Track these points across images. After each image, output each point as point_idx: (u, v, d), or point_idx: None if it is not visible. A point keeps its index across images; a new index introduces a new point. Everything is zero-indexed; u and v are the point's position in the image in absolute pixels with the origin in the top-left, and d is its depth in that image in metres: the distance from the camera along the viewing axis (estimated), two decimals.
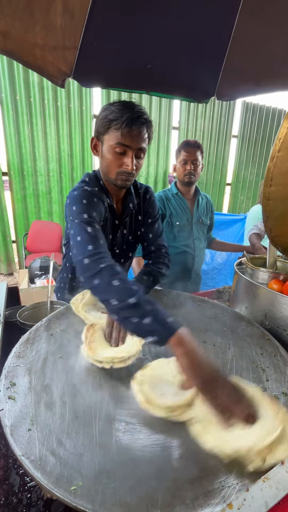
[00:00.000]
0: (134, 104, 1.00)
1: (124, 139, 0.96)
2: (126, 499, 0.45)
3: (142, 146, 1.00)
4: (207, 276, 3.23)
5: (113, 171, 1.03)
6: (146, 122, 0.99)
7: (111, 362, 0.76)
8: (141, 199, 1.26)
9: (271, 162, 0.85)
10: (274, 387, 0.72)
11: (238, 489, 0.46)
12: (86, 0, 1.30)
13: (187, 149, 1.72)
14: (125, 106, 0.98)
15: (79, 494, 0.45)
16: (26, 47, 1.38)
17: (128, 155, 0.99)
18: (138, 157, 1.03)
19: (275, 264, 1.26)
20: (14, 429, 0.56)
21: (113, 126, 0.96)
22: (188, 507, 0.44)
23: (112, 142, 0.98)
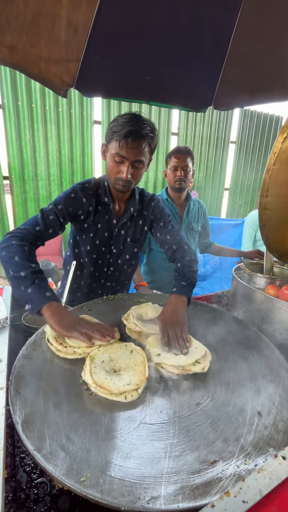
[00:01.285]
0: (140, 119, 1.09)
1: (122, 151, 1.07)
2: (131, 489, 0.49)
3: (138, 158, 1.10)
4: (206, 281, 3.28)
5: (112, 176, 1.15)
6: (145, 137, 1.08)
7: (124, 394, 0.71)
8: (145, 206, 1.33)
9: (267, 174, 0.90)
10: (269, 386, 0.76)
11: (235, 480, 0.50)
12: (89, 16, 1.36)
13: (177, 155, 1.74)
14: (130, 120, 1.07)
15: (88, 485, 0.49)
16: (32, 60, 1.43)
17: (124, 164, 1.10)
18: (135, 167, 1.12)
19: (271, 269, 1.31)
20: (25, 426, 0.60)
21: (115, 137, 1.07)
22: (189, 496, 0.47)
23: (113, 151, 1.09)
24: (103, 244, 1.30)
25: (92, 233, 1.26)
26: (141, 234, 1.37)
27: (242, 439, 0.60)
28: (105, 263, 1.35)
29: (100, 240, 1.28)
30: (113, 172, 1.13)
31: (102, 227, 1.26)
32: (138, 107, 4.82)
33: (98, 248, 1.30)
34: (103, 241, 1.29)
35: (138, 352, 0.85)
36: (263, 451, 0.56)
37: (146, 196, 1.36)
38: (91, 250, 1.29)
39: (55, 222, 1.13)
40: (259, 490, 0.45)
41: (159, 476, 0.52)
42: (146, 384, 0.76)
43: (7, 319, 1.00)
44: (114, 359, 0.82)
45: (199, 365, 0.80)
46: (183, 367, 0.79)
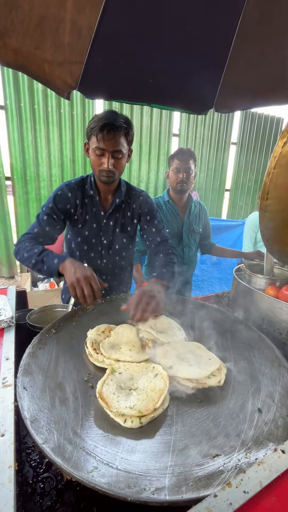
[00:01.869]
0: (114, 113, 1.20)
1: (100, 143, 1.18)
2: (137, 481, 0.51)
3: (116, 148, 1.19)
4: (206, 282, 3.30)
5: (96, 169, 1.26)
6: (119, 127, 1.17)
7: (123, 416, 0.65)
8: (133, 200, 1.42)
9: (267, 178, 0.92)
10: (269, 385, 0.78)
11: (236, 473, 0.52)
12: (93, 19, 1.39)
13: (180, 158, 1.76)
14: (104, 115, 1.18)
15: (96, 476, 0.51)
16: (36, 62, 1.46)
17: (105, 156, 1.20)
18: (115, 158, 1.22)
19: (272, 270, 1.33)
20: (33, 421, 0.62)
21: (93, 132, 1.18)
22: (192, 487, 0.50)
23: (93, 146, 1.20)
24: (92, 236, 1.37)
25: (80, 224, 1.36)
26: (130, 226, 1.43)
27: (243, 435, 0.62)
28: (97, 255, 1.41)
29: (89, 231, 1.36)
30: (96, 165, 1.23)
31: (90, 218, 1.35)
32: (140, 108, 4.84)
33: (89, 240, 1.38)
34: (92, 232, 1.37)
35: (162, 377, 0.75)
36: (263, 446, 0.58)
37: (135, 190, 1.44)
38: (82, 242, 1.38)
39: (49, 220, 1.28)
40: (259, 481, 0.47)
41: (163, 469, 0.54)
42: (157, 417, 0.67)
43: (13, 318, 1.02)
44: (135, 378, 0.78)
45: (215, 378, 0.77)
46: (198, 380, 0.75)
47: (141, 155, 5.04)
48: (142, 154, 5.04)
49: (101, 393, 0.71)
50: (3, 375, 0.75)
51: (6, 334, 0.96)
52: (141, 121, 4.92)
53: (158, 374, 0.77)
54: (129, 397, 0.70)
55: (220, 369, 0.81)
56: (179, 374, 0.77)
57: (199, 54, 1.67)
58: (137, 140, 4.95)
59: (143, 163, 5.08)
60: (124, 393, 0.71)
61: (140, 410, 0.65)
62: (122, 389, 0.73)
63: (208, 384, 0.75)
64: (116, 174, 1.26)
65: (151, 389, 0.72)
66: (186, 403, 0.73)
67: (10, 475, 0.49)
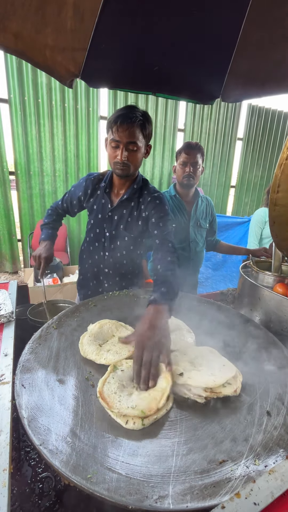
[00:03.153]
0: (133, 108, 1.20)
1: (115, 135, 1.18)
2: (138, 488, 0.48)
3: (131, 140, 1.18)
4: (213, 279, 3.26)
5: (111, 162, 1.26)
6: (134, 119, 1.16)
7: (125, 417, 0.62)
8: (145, 202, 1.34)
9: (279, 169, 0.87)
10: (278, 386, 0.74)
11: (245, 481, 0.49)
12: (97, 3, 1.33)
13: (187, 151, 1.72)
14: (122, 109, 1.19)
15: (95, 482, 0.48)
16: (37, 48, 1.41)
17: (119, 148, 1.20)
18: (129, 150, 1.21)
19: (280, 267, 1.29)
20: (31, 421, 0.59)
21: (110, 125, 1.19)
22: (197, 496, 0.46)
23: (109, 138, 1.22)
24: (97, 225, 1.41)
25: (89, 213, 1.44)
26: (135, 228, 1.37)
27: (251, 439, 0.58)
28: (100, 246, 1.43)
29: (94, 220, 1.41)
30: (112, 158, 1.25)
31: (97, 208, 1.40)
32: (145, 103, 4.77)
33: (94, 228, 1.42)
34: (97, 222, 1.40)
35: (165, 377, 0.72)
36: (273, 452, 0.55)
37: (151, 193, 1.35)
38: (90, 229, 1.45)
39: (67, 200, 1.49)
40: (270, 492, 0.43)
41: (166, 475, 0.51)
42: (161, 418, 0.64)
43: (13, 313, 1.00)
44: None
45: (230, 386, 0.70)
46: (212, 389, 0.69)
47: None
48: None
49: (101, 393, 0.68)
50: (0, 372, 0.72)
51: (5, 329, 0.93)
52: None
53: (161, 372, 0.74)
54: (131, 396, 0.67)
55: (235, 377, 0.74)
56: (191, 382, 0.70)
57: (206, 40, 1.60)
58: None
59: (147, 158, 5.02)
60: (126, 392, 0.68)
61: (142, 411, 0.62)
62: (124, 387, 0.70)
63: (224, 394, 0.69)
64: (130, 168, 1.24)
65: (154, 388, 0.69)
66: (190, 404, 0.69)
67: (5, 479, 0.46)
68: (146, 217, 1.35)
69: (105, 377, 0.73)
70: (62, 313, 1.05)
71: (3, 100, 4.01)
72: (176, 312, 1.11)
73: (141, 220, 1.36)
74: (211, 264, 3.38)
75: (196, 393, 0.69)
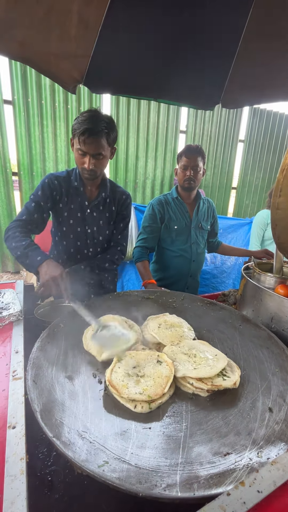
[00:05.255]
0: (97, 116, 1.22)
1: (82, 146, 1.23)
2: (148, 477, 0.51)
3: (97, 152, 1.25)
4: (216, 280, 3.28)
5: (79, 167, 1.33)
6: (100, 133, 1.21)
7: (134, 402, 0.68)
8: (117, 199, 1.50)
9: (281, 174, 0.90)
10: (280, 384, 0.77)
11: (248, 472, 0.51)
12: (101, 12, 1.37)
13: (188, 155, 1.74)
14: (87, 118, 1.21)
15: (106, 471, 0.51)
16: (42, 55, 1.45)
17: (86, 157, 1.26)
18: (96, 158, 1.27)
19: (281, 269, 1.31)
20: (43, 414, 0.62)
21: (76, 133, 1.23)
22: (204, 485, 0.49)
23: (76, 146, 1.26)
24: (77, 224, 1.44)
25: (66, 213, 1.41)
26: (113, 218, 1.52)
27: (254, 433, 0.61)
28: (83, 244, 1.48)
29: (73, 219, 1.43)
30: (79, 163, 1.31)
31: (75, 207, 1.42)
32: (147, 104, 4.80)
33: (74, 228, 1.44)
34: (77, 221, 1.43)
35: (168, 365, 0.78)
36: (275, 445, 0.58)
37: (119, 188, 1.53)
38: (68, 231, 1.44)
39: (36, 207, 1.33)
40: (273, 481, 0.46)
41: (174, 465, 0.53)
42: (167, 402, 0.70)
43: (21, 312, 1.03)
44: (141, 365, 0.79)
45: (229, 379, 0.75)
46: (212, 382, 0.73)
47: (148, 151, 5.01)
48: (148, 151, 5.01)
49: (110, 381, 0.72)
50: (13, 368, 0.75)
51: (15, 327, 0.96)
52: (148, 117, 4.88)
53: (163, 362, 0.80)
54: (138, 383, 0.72)
55: (233, 370, 0.79)
56: (189, 374, 0.75)
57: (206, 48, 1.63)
58: (144, 137, 4.92)
59: (149, 160, 5.05)
60: (132, 380, 0.73)
61: (149, 395, 0.68)
62: (130, 376, 0.75)
63: (224, 386, 0.72)
64: (97, 172, 1.32)
65: (158, 375, 0.75)
66: (195, 401, 0.72)
67: (22, 467, 0.49)
68: (118, 213, 1.51)
69: (112, 367, 0.77)
70: (69, 312, 1.08)
71: (7, 101, 4.05)
72: (178, 311, 1.15)
73: (117, 216, 1.52)
74: (227, 267, 3.39)
75: (198, 387, 0.73)
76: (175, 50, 1.63)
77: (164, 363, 0.79)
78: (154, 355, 0.83)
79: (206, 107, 2.03)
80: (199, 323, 1.08)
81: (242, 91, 1.86)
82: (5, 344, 0.87)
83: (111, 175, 4.89)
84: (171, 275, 1.88)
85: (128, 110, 4.69)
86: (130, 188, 5.03)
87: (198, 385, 0.73)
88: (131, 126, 4.76)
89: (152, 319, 1.05)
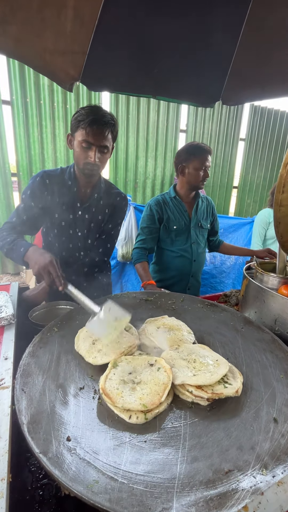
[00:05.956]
0: (100, 109, 1.23)
1: (88, 137, 1.18)
2: (141, 499, 0.46)
3: (103, 144, 1.20)
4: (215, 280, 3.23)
5: (81, 162, 1.25)
6: (107, 124, 1.18)
7: (128, 412, 0.63)
8: (112, 200, 1.42)
9: (284, 169, 0.86)
10: (285, 391, 0.72)
11: (252, 492, 0.47)
12: (96, 7, 1.33)
13: (203, 156, 1.67)
14: (92, 110, 1.20)
15: (96, 492, 0.46)
16: (37, 52, 1.41)
17: (92, 150, 1.21)
18: (101, 152, 1.23)
19: (285, 269, 1.26)
20: (31, 427, 0.58)
21: (81, 125, 1.18)
22: (203, 508, 0.45)
23: (80, 138, 1.20)
24: (68, 226, 1.38)
25: (57, 214, 1.35)
26: (104, 220, 1.44)
27: (257, 447, 0.56)
28: (75, 247, 1.42)
29: (65, 221, 1.37)
30: (82, 158, 1.23)
31: (66, 208, 1.35)
32: (146, 104, 4.77)
33: (65, 230, 1.39)
34: (68, 222, 1.38)
35: (166, 371, 0.73)
36: (281, 461, 0.53)
37: (116, 194, 1.45)
38: (59, 233, 1.39)
39: (26, 209, 1.29)
40: (279, 505, 0.42)
41: (170, 485, 0.49)
42: (164, 411, 0.66)
43: (14, 316, 0.99)
44: (138, 371, 0.75)
45: (231, 386, 0.70)
46: (213, 390, 0.68)
47: (148, 151, 4.97)
48: (148, 150, 4.97)
49: (104, 389, 0.67)
50: (0, 376, 0.71)
51: (6, 332, 0.92)
52: (148, 116, 4.84)
53: (160, 367, 0.75)
54: (133, 391, 0.67)
55: (235, 376, 0.74)
56: (188, 381, 0.70)
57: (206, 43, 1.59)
58: (143, 136, 4.88)
59: (149, 159, 5.01)
60: (128, 388, 0.69)
61: (145, 405, 0.63)
62: (126, 383, 0.70)
63: (225, 394, 0.67)
64: (100, 168, 1.28)
65: (155, 383, 0.70)
66: (194, 410, 0.68)
67: (2, 489, 0.45)
68: (112, 214, 1.44)
69: (106, 374, 0.73)
70: (63, 315, 1.04)
71: (5, 102, 4.03)
72: (177, 313, 1.10)
73: (109, 219, 1.44)
74: (226, 267, 3.34)
75: (198, 395, 0.68)
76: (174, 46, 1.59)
77: (162, 369, 0.74)
78: (152, 360, 0.79)
79: (207, 104, 1.98)
80: (199, 326, 1.03)
81: (243, 87, 1.82)
82: None
83: (111, 175, 4.85)
84: (172, 275, 1.84)
85: (128, 109, 4.65)
86: (130, 188, 4.99)
87: (198, 393, 0.68)
88: (130, 126, 4.73)
89: (150, 322, 1.00)
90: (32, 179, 1.32)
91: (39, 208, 1.31)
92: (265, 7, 1.38)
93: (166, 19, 1.46)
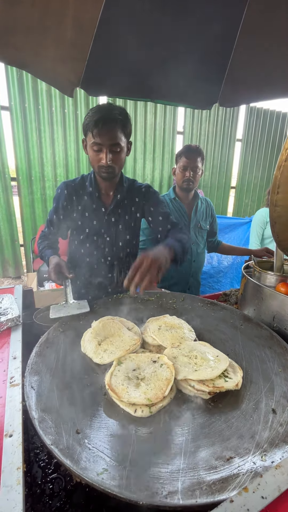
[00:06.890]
0: (109, 106, 1.16)
1: (96, 138, 1.14)
2: (148, 484, 0.49)
3: (114, 142, 1.15)
4: (213, 279, 3.26)
5: (95, 166, 1.23)
6: (115, 120, 1.14)
7: (134, 406, 0.66)
8: (136, 193, 1.38)
9: (278, 171, 0.89)
10: (283, 384, 0.75)
11: (252, 477, 0.50)
12: (95, 14, 1.37)
13: (188, 155, 1.73)
14: (98, 110, 1.16)
15: (105, 479, 0.49)
16: (38, 60, 1.44)
17: (102, 151, 1.17)
18: (113, 152, 1.18)
19: (282, 267, 1.30)
20: (41, 421, 0.61)
21: (89, 128, 1.15)
22: (206, 491, 0.48)
23: (90, 142, 1.17)
24: (94, 233, 1.35)
25: (80, 222, 1.34)
26: (134, 222, 1.40)
27: (257, 436, 0.59)
28: (100, 253, 1.39)
29: (90, 228, 1.34)
30: (95, 161, 1.21)
31: (90, 216, 1.33)
32: (143, 106, 4.82)
33: (90, 238, 1.36)
34: (94, 229, 1.35)
35: (168, 367, 0.76)
36: (280, 448, 0.56)
37: (137, 184, 1.41)
38: (84, 240, 1.36)
39: (52, 222, 1.36)
40: (277, 486, 0.45)
41: (175, 471, 0.52)
42: (168, 405, 0.69)
43: (20, 317, 1.01)
44: (141, 368, 0.78)
45: (231, 380, 0.72)
46: (214, 384, 0.71)
47: (146, 153, 5.02)
48: (146, 152, 5.02)
49: (110, 385, 0.71)
50: (10, 374, 0.74)
51: (13, 333, 0.95)
52: (145, 119, 4.89)
53: (163, 364, 0.78)
54: (138, 387, 0.71)
55: (235, 370, 0.77)
56: (190, 377, 0.73)
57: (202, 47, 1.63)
58: (141, 138, 4.93)
59: (147, 162, 5.06)
60: (133, 384, 0.72)
61: (149, 399, 0.66)
62: (130, 379, 0.73)
63: (226, 388, 0.70)
64: (116, 169, 1.23)
65: (158, 378, 0.73)
66: (196, 403, 0.71)
67: (19, 477, 0.48)
68: (143, 206, 1.39)
69: (112, 371, 0.76)
70: (68, 316, 1.07)
71: (4, 107, 4.07)
72: (178, 312, 1.13)
73: (139, 212, 1.40)
74: (224, 267, 3.37)
75: (200, 389, 0.71)
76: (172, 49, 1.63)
77: (165, 365, 0.78)
78: (155, 357, 0.82)
79: (204, 107, 2.02)
80: (200, 324, 1.06)
81: (240, 89, 1.86)
82: (3, 350, 0.86)
83: None
84: (172, 276, 1.87)
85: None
86: None
87: (200, 387, 0.71)
88: None
89: (152, 321, 1.03)
90: (56, 194, 1.35)
91: (64, 218, 1.34)
92: (260, 9, 1.42)
93: (163, 24, 1.50)
